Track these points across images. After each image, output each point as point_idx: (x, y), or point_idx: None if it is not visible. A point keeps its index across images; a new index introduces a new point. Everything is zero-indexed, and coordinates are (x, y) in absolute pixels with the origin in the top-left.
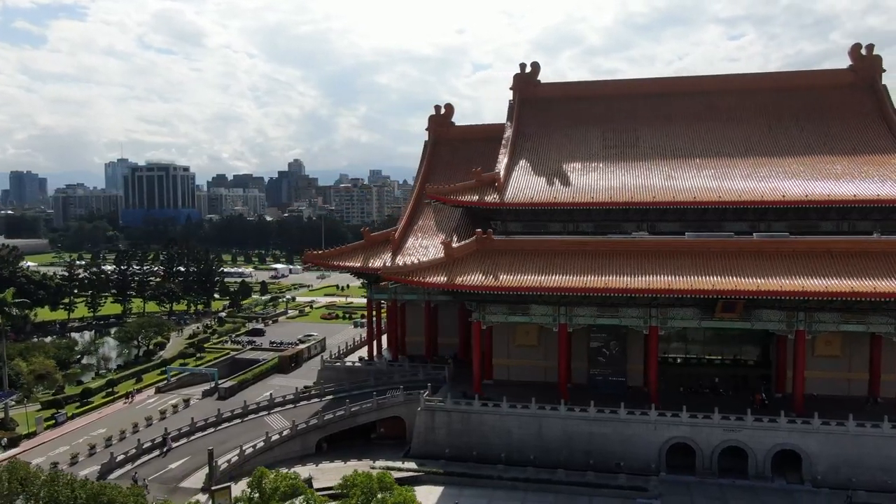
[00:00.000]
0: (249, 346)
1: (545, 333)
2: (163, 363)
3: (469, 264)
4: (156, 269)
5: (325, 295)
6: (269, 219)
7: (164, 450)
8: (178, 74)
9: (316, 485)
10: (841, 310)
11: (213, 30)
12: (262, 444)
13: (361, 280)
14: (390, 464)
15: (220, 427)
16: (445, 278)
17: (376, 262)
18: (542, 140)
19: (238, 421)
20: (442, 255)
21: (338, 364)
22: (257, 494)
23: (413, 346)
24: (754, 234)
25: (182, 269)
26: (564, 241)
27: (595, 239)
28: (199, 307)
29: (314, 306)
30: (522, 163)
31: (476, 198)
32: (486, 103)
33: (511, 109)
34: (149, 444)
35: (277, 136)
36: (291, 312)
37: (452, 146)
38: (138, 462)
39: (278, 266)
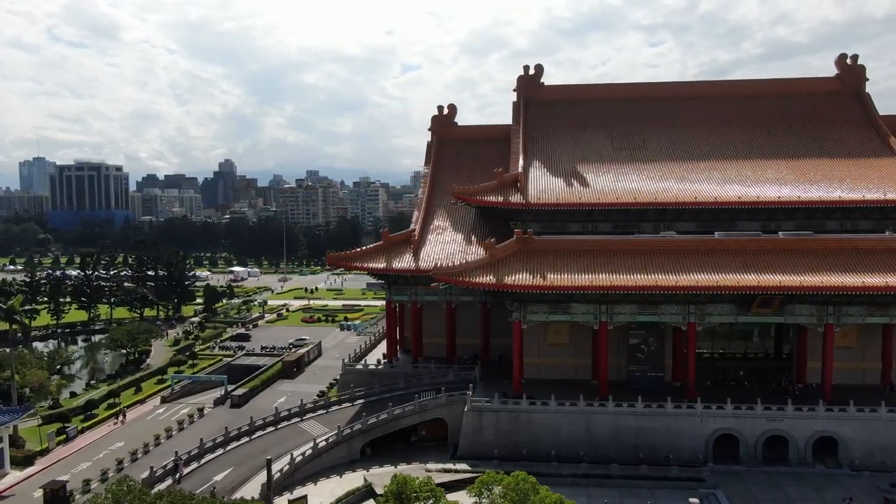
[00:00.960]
0: (242, 353)
1: (575, 332)
2: (159, 371)
3: (513, 264)
4: (123, 273)
5: (296, 298)
6: (210, 220)
7: (200, 462)
8: (91, 69)
9: (378, 491)
10: (867, 303)
11: (131, 23)
12: (310, 451)
13: (379, 280)
14: (446, 466)
15: (254, 436)
16: (493, 278)
17: (400, 263)
18: (551, 142)
19: (271, 429)
20: (485, 255)
21: (359, 367)
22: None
23: (429, 347)
24: (780, 232)
25: (151, 273)
26: (604, 240)
27: (634, 238)
28: (171, 313)
29: (290, 310)
30: (537, 164)
31: (501, 198)
32: (415, 104)
33: (516, 111)
34: (186, 455)
35: (199, 135)
36: (269, 316)
37: (456, 147)
38: (179, 475)
39: (237, 269)
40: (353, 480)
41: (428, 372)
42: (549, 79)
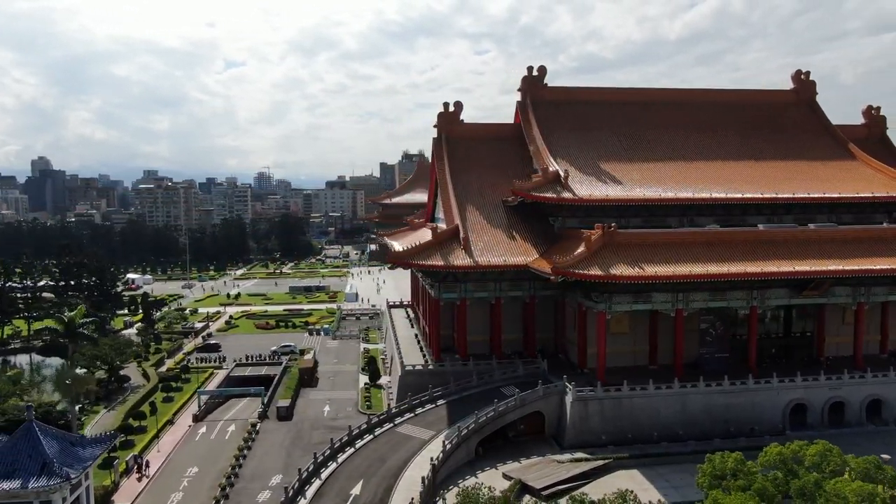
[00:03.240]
0: (235, 364)
1: (635, 321)
2: (154, 389)
3: (606, 256)
4: (41, 283)
5: (222, 305)
6: (61, 223)
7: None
8: None
9: (534, 485)
10: (890, 284)
11: None
12: (441, 454)
13: (428, 278)
14: (578, 455)
15: (357, 446)
16: (600, 270)
17: (458, 261)
18: (564, 140)
19: (369, 436)
20: (582, 249)
21: (419, 368)
22: None
23: (471, 345)
24: (811, 224)
25: (74, 282)
26: (679, 232)
27: (702, 230)
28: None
29: (234, 317)
30: (562, 162)
31: (553, 194)
32: (240, 102)
33: (524, 111)
34: (305, 472)
35: None
36: (216, 325)
37: (465, 144)
38: (311, 496)
39: (133, 276)
40: (492, 479)
41: (500, 368)
42: (378, 82)
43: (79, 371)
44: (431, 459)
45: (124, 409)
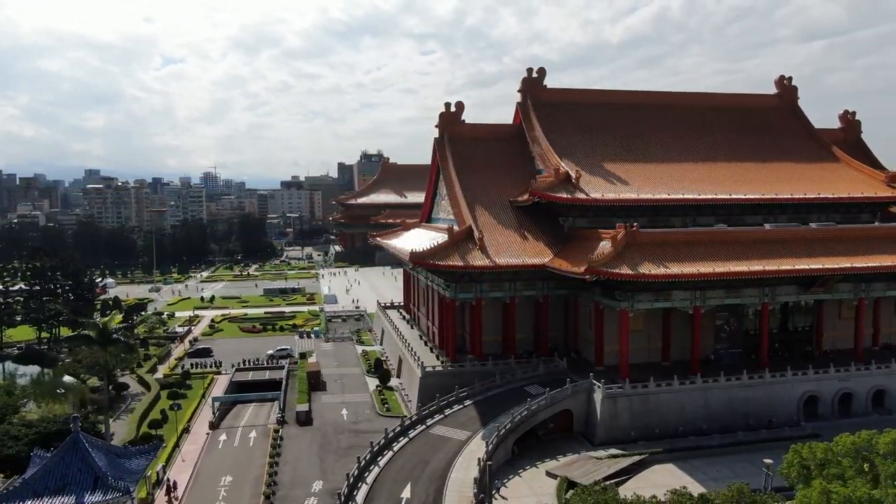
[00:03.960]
0: (235, 369)
1: (648, 319)
2: (158, 398)
3: (631, 255)
4: (18, 286)
5: (197, 308)
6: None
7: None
8: None
9: (580, 481)
10: (888, 280)
11: None
12: (485, 455)
13: (440, 278)
14: (613, 451)
15: (395, 449)
16: (630, 269)
17: (476, 261)
18: (565, 141)
19: (404, 439)
20: (610, 248)
21: (439, 369)
22: None
23: (484, 345)
24: (813, 224)
25: (50, 286)
26: (695, 232)
27: (721, 230)
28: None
29: (216, 321)
30: (567, 163)
31: (566, 195)
32: (179, 100)
33: (525, 111)
34: (352, 476)
35: None
36: (199, 329)
37: (466, 144)
38: (362, 501)
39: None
40: (535, 478)
41: (521, 367)
42: (323, 81)
43: (67, 379)
44: (479, 460)
45: (134, 418)
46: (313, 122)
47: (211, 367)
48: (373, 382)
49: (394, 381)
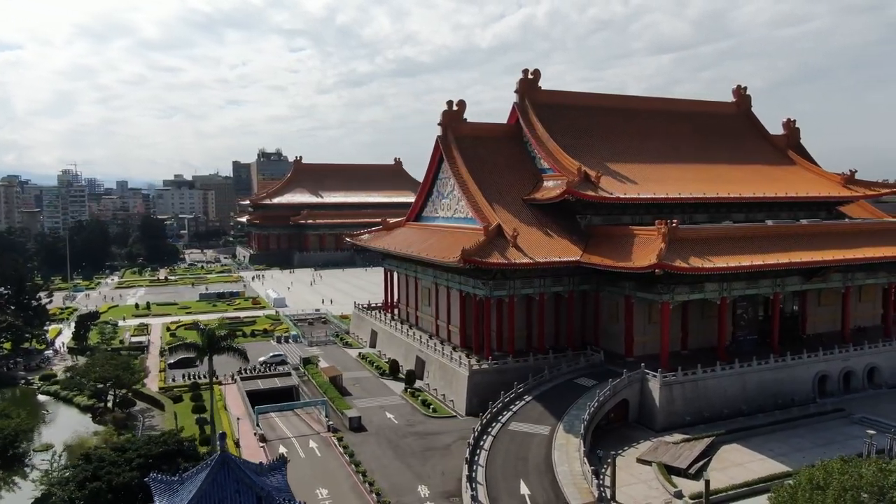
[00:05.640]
0: (240, 377)
1: (672, 310)
2: (176, 415)
3: (679, 250)
4: None
5: (135, 316)
6: None
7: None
8: None
9: (680, 465)
10: (868, 269)
11: None
12: (580, 447)
13: (479, 277)
14: (677, 437)
15: (486, 447)
16: (685, 263)
17: (516, 258)
18: (563, 142)
19: (488, 438)
20: (661, 242)
21: (485, 367)
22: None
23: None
24: (803, 220)
25: None
26: (720, 228)
27: (741, 226)
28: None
29: (172, 329)
30: (573, 161)
31: (592, 192)
32: (16, 91)
33: (523, 112)
34: (465, 477)
35: None
36: (156, 338)
37: (469, 142)
38: (487, 501)
39: None
40: (628, 466)
41: (566, 360)
42: (183, 75)
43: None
44: (579, 453)
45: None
46: (173, 119)
47: (203, 377)
48: (393, 385)
49: (419, 382)
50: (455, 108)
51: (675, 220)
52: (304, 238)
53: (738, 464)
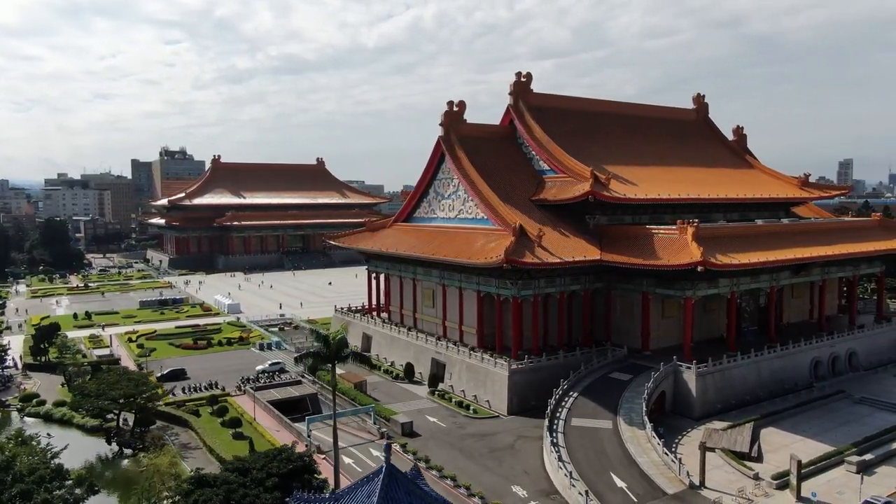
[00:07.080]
0: (249, 386)
1: (679, 306)
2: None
3: (709, 248)
4: None
5: (77, 327)
6: None
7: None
8: None
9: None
10: (842, 263)
11: None
12: (653, 438)
13: (506, 278)
14: (716, 423)
15: (560, 444)
16: (718, 260)
17: (547, 258)
18: (564, 143)
19: (559, 434)
20: (690, 241)
21: (522, 367)
22: None
23: (528, 339)
24: (784, 219)
25: None
26: (733, 227)
27: (746, 225)
28: None
29: (134, 339)
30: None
31: (608, 193)
32: None
33: (519, 114)
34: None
35: None
36: (118, 349)
37: (470, 143)
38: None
39: None
40: (694, 454)
41: (598, 356)
42: (45, 65)
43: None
44: (654, 445)
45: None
46: (32, 112)
47: (202, 389)
48: (413, 388)
49: (442, 385)
50: (456, 108)
51: (695, 221)
52: (229, 241)
53: (783, 445)
